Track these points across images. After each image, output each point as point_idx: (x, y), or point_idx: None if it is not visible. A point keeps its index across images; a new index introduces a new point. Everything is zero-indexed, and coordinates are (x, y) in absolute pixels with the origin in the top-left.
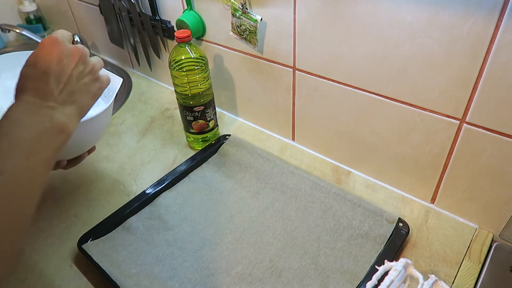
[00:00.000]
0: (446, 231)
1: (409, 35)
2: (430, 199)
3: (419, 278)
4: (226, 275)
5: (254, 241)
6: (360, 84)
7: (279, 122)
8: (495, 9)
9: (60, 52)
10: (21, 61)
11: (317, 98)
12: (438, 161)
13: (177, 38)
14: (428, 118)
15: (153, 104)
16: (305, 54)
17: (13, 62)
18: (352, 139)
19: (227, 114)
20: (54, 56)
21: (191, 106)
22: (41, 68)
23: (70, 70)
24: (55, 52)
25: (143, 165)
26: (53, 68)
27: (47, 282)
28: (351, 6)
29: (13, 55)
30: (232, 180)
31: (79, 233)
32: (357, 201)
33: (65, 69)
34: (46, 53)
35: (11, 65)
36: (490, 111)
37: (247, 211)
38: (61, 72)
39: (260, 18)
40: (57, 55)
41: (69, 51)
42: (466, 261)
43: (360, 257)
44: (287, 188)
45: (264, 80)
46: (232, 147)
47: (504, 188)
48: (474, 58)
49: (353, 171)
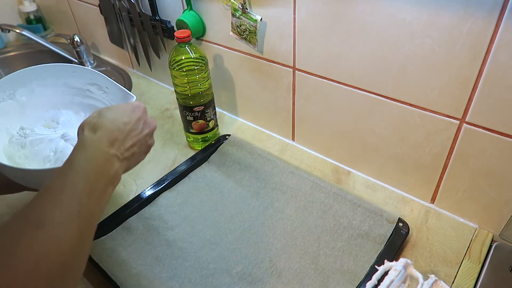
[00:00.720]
0: (446, 231)
1: (409, 35)
2: (430, 199)
3: (419, 278)
4: (226, 275)
5: (254, 241)
6: (360, 84)
7: (279, 122)
8: (495, 9)
9: (142, 118)
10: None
11: (317, 98)
12: (438, 161)
13: (177, 38)
14: (428, 118)
15: (153, 104)
16: (305, 54)
17: (27, 78)
18: (352, 139)
19: (227, 114)
20: (137, 119)
21: (191, 106)
22: (122, 122)
23: (142, 136)
24: (139, 116)
25: (143, 165)
26: (132, 128)
27: None
28: (351, 6)
29: (28, 70)
30: (232, 180)
31: None
32: (357, 201)
33: (139, 134)
34: (131, 113)
35: (26, 81)
36: (490, 111)
37: (247, 211)
38: (135, 134)
39: (260, 18)
40: (139, 119)
41: (147, 120)
42: (466, 261)
43: (360, 257)
44: (287, 188)
45: (264, 80)
46: (232, 147)
47: (504, 188)
48: (474, 58)
49: (353, 171)
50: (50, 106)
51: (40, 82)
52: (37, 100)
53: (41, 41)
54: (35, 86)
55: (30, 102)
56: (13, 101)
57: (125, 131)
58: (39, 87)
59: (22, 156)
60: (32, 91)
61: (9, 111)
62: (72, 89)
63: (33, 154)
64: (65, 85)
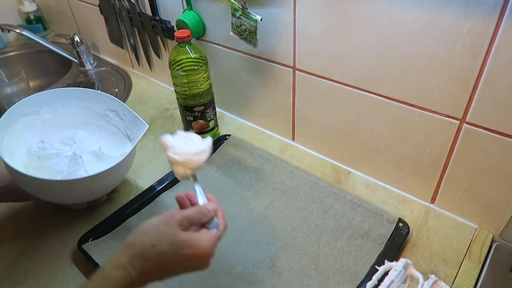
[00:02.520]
0: (446, 231)
1: (409, 35)
2: (430, 199)
3: (419, 278)
4: (226, 275)
5: (254, 241)
6: (360, 84)
7: (279, 122)
8: (495, 9)
9: (198, 266)
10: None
11: (317, 98)
12: (438, 161)
13: (177, 38)
14: (428, 118)
15: (153, 104)
16: (305, 54)
17: (53, 98)
18: (352, 139)
19: (227, 114)
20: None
21: (191, 106)
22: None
23: (179, 270)
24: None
25: (143, 165)
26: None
27: (47, 282)
28: (351, 6)
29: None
30: (232, 180)
31: (79, 233)
32: (357, 201)
33: (183, 272)
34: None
35: (52, 101)
36: (490, 111)
37: (247, 211)
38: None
39: (260, 18)
40: (194, 267)
41: (203, 263)
42: (466, 261)
43: (360, 257)
44: (287, 188)
45: (264, 80)
46: (232, 147)
47: (504, 188)
48: (474, 58)
49: (353, 171)
50: (69, 125)
51: (64, 103)
52: (59, 119)
53: (41, 41)
54: (60, 106)
55: (52, 120)
56: (38, 117)
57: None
58: (63, 107)
59: (37, 167)
60: (56, 109)
61: (33, 125)
62: (93, 112)
63: (48, 167)
64: (86, 108)
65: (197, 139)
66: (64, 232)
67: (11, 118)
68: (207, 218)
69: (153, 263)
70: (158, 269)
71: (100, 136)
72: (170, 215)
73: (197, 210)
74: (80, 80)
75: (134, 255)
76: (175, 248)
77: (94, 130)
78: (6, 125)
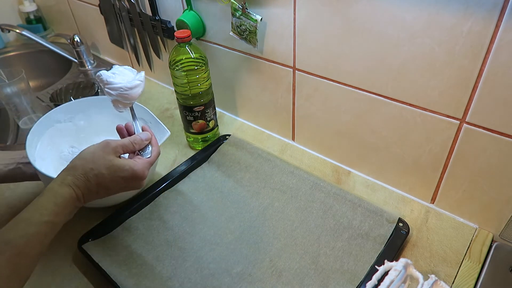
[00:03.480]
0: (446, 231)
1: (409, 35)
2: (430, 199)
3: (419, 278)
4: (226, 275)
5: (254, 241)
6: (360, 84)
7: (279, 122)
8: (495, 9)
9: (128, 181)
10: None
11: (317, 98)
12: (438, 161)
13: (177, 38)
14: (428, 118)
15: (153, 104)
16: (305, 54)
17: (87, 106)
18: (352, 139)
19: (227, 114)
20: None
21: (191, 106)
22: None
23: (117, 190)
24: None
25: None
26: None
27: (47, 282)
28: (351, 6)
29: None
30: (232, 180)
31: (79, 233)
32: (357, 201)
33: (121, 191)
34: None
35: (84, 108)
36: (490, 111)
37: (247, 211)
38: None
39: (260, 18)
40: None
41: (132, 185)
42: (466, 261)
43: (360, 257)
44: (287, 188)
45: (264, 80)
46: (232, 147)
47: (504, 188)
48: (474, 58)
49: (353, 171)
50: (101, 131)
51: (98, 110)
52: (92, 126)
53: (41, 41)
54: (93, 113)
55: (86, 127)
56: (72, 124)
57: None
58: (96, 114)
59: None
60: (90, 117)
61: (67, 132)
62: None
63: None
64: (117, 115)
65: (132, 73)
66: (64, 232)
67: (45, 125)
68: (141, 146)
69: (94, 184)
70: (99, 188)
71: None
72: (106, 142)
73: (131, 139)
74: (80, 80)
75: (76, 176)
76: (111, 171)
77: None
78: (40, 132)
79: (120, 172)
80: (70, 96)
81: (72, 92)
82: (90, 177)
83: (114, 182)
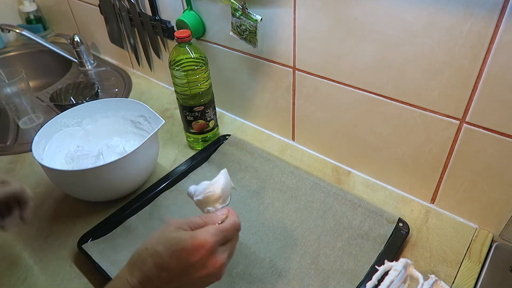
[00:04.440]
0: (446, 231)
1: (409, 35)
2: (430, 199)
3: (419, 278)
4: (226, 275)
5: (254, 241)
6: (360, 84)
7: (279, 122)
8: (495, 9)
9: (200, 260)
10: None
11: (317, 98)
12: (438, 161)
13: (177, 38)
14: (428, 118)
15: (153, 104)
16: (305, 54)
17: (93, 110)
18: (352, 139)
19: (227, 114)
20: (190, 264)
21: (191, 106)
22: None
23: (195, 279)
24: (196, 260)
25: None
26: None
27: (47, 282)
28: (351, 6)
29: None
30: (232, 180)
31: (79, 233)
32: (357, 201)
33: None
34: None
35: (91, 112)
36: (490, 111)
37: (247, 211)
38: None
39: (260, 18)
40: (194, 263)
41: (208, 263)
42: (466, 261)
43: (360, 257)
44: (287, 188)
45: (264, 80)
46: (232, 147)
47: (504, 188)
48: (474, 58)
49: (353, 171)
50: (108, 134)
51: (104, 113)
52: (100, 129)
53: (41, 41)
54: (99, 117)
55: (93, 130)
56: (80, 128)
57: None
58: (103, 118)
59: (70, 168)
60: (96, 120)
61: (75, 135)
62: (128, 121)
63: (78, 166)
64: (122, 117)
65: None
66: (64, 232)
67: (53, 129)
68: (213, 220)
69: (151, 266)
70: (159, 272)
71: (135, 142)
72: (167, 223)
73: (202, 216)
74: (80, 80)
75: (131, 261)
76: (167, 246)
77: (129, 136)
78: (48, 135)
79: (177, 244)
80: (70, 96)
81: (72, 92)
82: (145, 259)
83: (174, 259)
